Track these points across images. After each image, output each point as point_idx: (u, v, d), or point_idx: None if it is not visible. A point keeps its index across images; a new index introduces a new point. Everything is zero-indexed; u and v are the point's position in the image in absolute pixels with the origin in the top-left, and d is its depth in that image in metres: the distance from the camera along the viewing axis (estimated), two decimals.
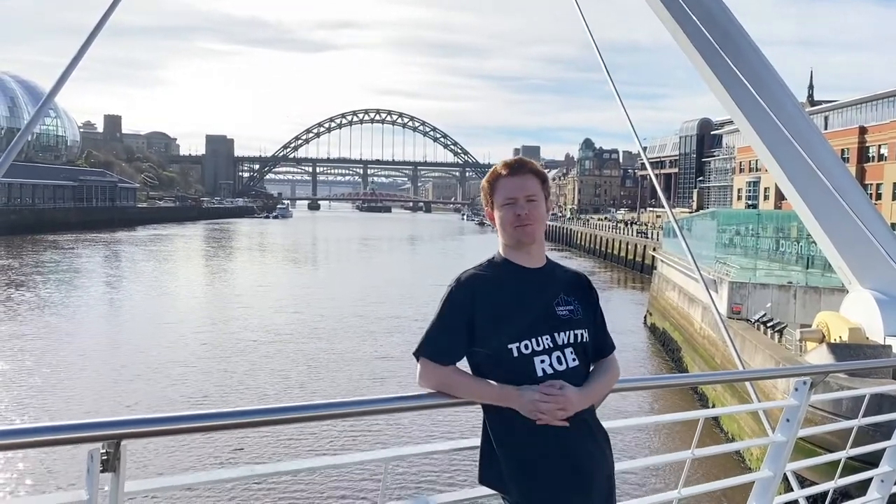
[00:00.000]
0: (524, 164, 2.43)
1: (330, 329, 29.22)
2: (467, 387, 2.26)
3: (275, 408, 2.15)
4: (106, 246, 70.42)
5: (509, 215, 2.35)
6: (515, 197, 2.35)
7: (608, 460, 2.30)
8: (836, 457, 3.74)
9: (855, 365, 8.93)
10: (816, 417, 10.88)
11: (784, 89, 10.32)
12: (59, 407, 17.71)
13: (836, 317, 14.66)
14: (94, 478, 1.78)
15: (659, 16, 10.37)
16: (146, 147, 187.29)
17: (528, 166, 2.42)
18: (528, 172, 2.40)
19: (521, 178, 2.38)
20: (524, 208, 2.34)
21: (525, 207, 2.34)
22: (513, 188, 2.36)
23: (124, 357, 23.56)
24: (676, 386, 19.65)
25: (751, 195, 66.78)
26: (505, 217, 2.35)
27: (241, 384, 20.46)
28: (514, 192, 2.35)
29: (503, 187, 2.38)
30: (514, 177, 2.38)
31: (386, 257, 73.06)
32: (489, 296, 2.27)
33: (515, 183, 2.37)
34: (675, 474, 9.45)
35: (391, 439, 15.14)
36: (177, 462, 13.88)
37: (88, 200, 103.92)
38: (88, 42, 5.19)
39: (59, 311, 32.65)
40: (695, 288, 25.28)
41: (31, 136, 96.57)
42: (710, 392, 19.05)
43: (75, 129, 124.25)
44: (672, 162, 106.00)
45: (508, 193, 2.36)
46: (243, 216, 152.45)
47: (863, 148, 50.15)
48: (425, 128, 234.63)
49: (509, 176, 2.38)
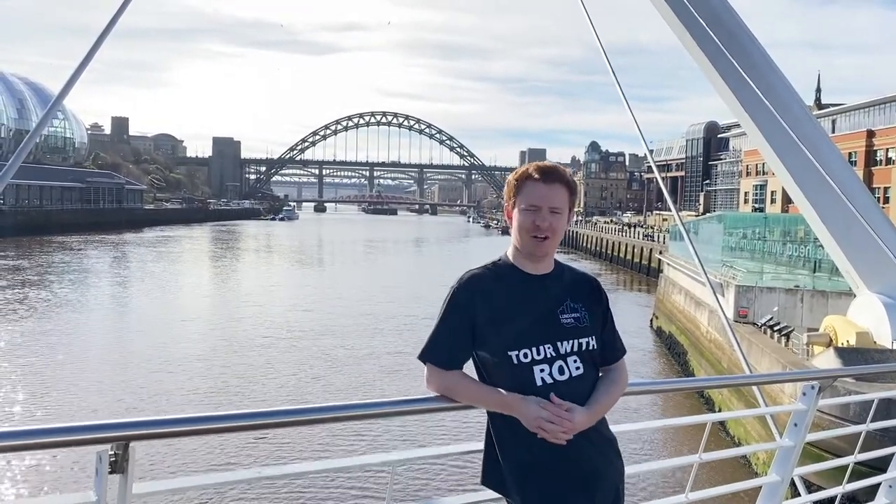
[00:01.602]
0: (556, 172, 2.33)
1: (340, 328, 29.39)
2: (471, 392, 2.24)
3: (282, 410, 2.16)
4: (115, 247, 70.67)
5: (528, 222, 2.28)
6: (540, 206, 2.28)
7: (613, 465, 2.28)
8: (844, 462, 3.72)
9: (863, 369, 8.87)
10: (824, 422, 10.83)
11: (791, 92, 10.30)
12: (70, 407, 17.79)
13: (843, 321, 14.61)
14: (102, 479, 1.79)
15: (664, 17, 10.36)
16: (153, 149, 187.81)
17: (559, 175, 2.32)
18: (559, 182, 2.30)
19: (551, 186, 2.29)
20: (546, 220, 2.27)
21: (547, 219, 2.27)
22: (540, 196, 2.28)
23: (134, 357, 23.64)
24: (683, 390, 19.54)
25: (758, 199, 66.63)
26: (524, 222, 2.29)
27: (252, 384, 20.52)
28: (540, 201, 2.28)
29: (530, 191, 2.30)
30: (544, 184, 2.29)
31: (392, 258, 73.23)
32: (490, 299, 2.23)
33: (543, 191, 2.28)
34: (683, 478, 9.41)
35: (398, 442, 15.14)
36: (185, 464, 13.91)
37: (96, 202, 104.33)
38: (97, 45, 5.21)
39: (71, 310, 32.84)
40: (701, 291, 25.21)
41: (40, 137, 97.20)
42: (716, 396, 18.98)
43: (83, 131, 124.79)
44: (679, 165, 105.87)
45: (533, 200, 2.28)
46: (250, 218, 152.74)
47: (870, 151, 49.96)
48: (431, 130, 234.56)
49: (539, 181, 2.29)
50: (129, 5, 5.43)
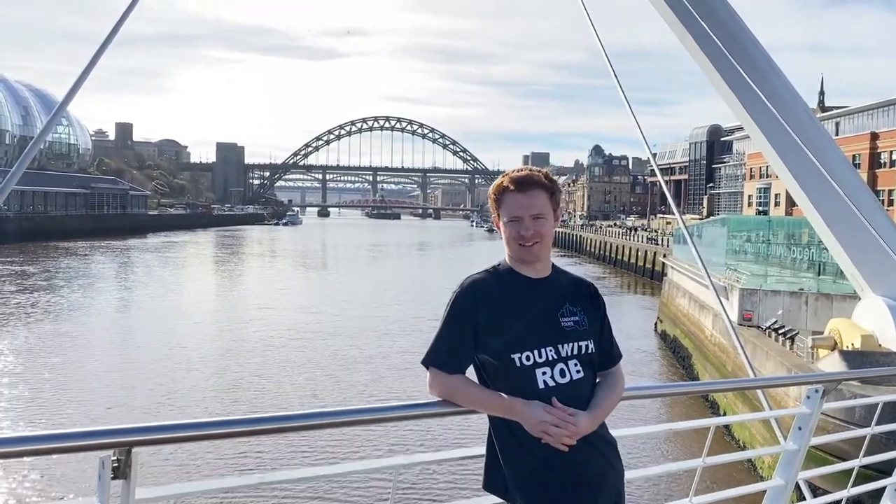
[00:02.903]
0: (531, 178, 2.31)
1: (347, 330, 29.56)
2: (474, 397, 2.24)
3: (284, 416, 2.16)
4: (120, 252, 70.91)
5: (513, 233, 2.29)
6: (520, 216, 2.28)
7: (615, 469, 2.28)
8: (849, 465, 3.71)
9: (868, 373, 8.83)
10: (829, 425, 10.78)
11: (794, 95, 10.27)
12: (76, 411, 17.85)
13: (848, 324, 14.54)
14: (105, 485, 1.79)
15: (666, 20, 10.34)
16: (157, 155, 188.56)
17: (534, 180, 2.30)
18: (536, 187, 2.30)
19: (528, 194, 2.29)
20: (529, 228, 2.27)
21: (530, 227, 2.27)
22: (518, 206, 2.29)
23: (141, 361, 23.72)
24: (687, 394, 19.48)
25: (761, 201, 66.53)
26: (510, 234, 2.30)
27: (259, 388, 20.54)
28: (520, 211, 2.28)
29: (509, 203, 2.31)
30: (521, 193, 2.29)
31: (397, 262, 73.45)
32: (491, 303, 2.24)
33: (521, 201, 2.29)
34: (686, 482, 9.38)
35: (400, 447, 15.13)
36: (188, 469, 13.91)
37: (100, 208, 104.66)
38: (100, 51, 5.22)
39: (78, 315, 33.05)
40: (705, 295, 25.15)
41: (44, 143, 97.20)
42: (721, 400, 18.91)
43: (87, 137, 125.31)
44: (682, 168, 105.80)
45: (513, 212, 2.29)
46: (253, 223, 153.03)
47: (874, 154, 49.86)
48: (434, 135, 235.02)
49: (515, 192, 2.29)
50: (132, 12, 5.45)
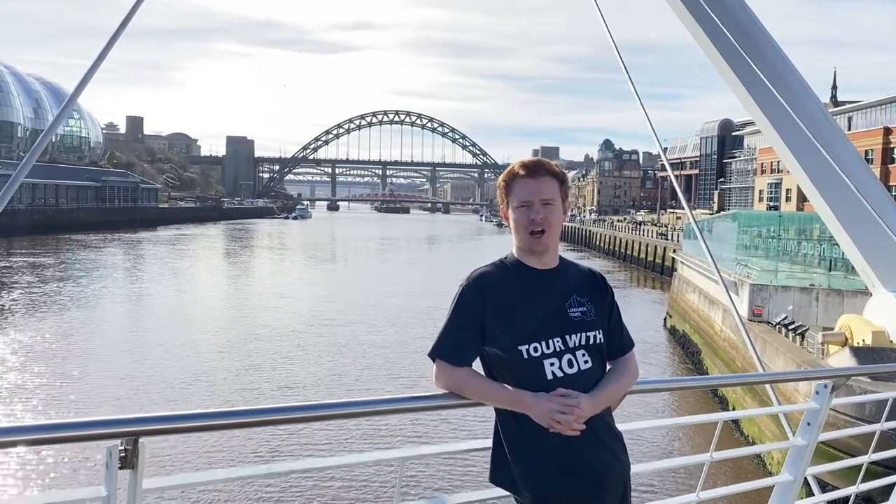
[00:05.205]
0: (542, 165, 2.36)
1: (359, 320, 29.81)
2: (480, 389, 2.24)
3: (292, 406, 2.17)
4: (132, 245, 71.40)
5: (523, 219, 2.30)
6: (531, 200, 2.30)
7: (622, 462, 2.28)
8: (858, 461, 3.68)
9: (878, 368, 8.77)
10: (838, 421, 10.73)
11: (806, 89, 10.20)
12: (88, 399, 18.02)
13: (859, 320, 14.47)
14: (112, 474, 1.80)
15: (677, 14, 10.29)
16: (167, 148, 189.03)
17: (545, 167, 2.36)
18: (546, 174, 2.34)
19: (538, 180, 2.32)
20: (539, 213, 2.29)
21: (541, 212, 2.29)
22: (529, 191, 2.31)
23: (152, 351, 23.86)
24: (696, 388, 19.49)
25: (772, 197, 66.14)
26: (519, 220, 2.32)
27: (269, 378, 20.69)
28: (530, 196, 2.31)
29: (519, 189, 2.33)
30: (531, 178, 2.32)
31: (406, 255, 73.76)
32: (499, 296, 2.24)
33: (532, 185, 2.32)
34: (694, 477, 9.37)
35: (406, 439, 15.17)
36: (194, 459, 14.00)
37: (111, 201, 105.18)
38: (110, 45, 5.24)
39: (92, 305, 33.52)
40: (715, 290, 25.06)
41: (55, 137, 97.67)
42: (729, 395, 18.87)
43: (98, 130, 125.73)
44: (693, 163, 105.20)
45: (524, 196, 2.32)
46: (263, 217, 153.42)
47: (887, 149, 49.43)
48: (444, 129, 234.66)
49: (526, 177, 2.33)
50: (142, 6, 5.46)
